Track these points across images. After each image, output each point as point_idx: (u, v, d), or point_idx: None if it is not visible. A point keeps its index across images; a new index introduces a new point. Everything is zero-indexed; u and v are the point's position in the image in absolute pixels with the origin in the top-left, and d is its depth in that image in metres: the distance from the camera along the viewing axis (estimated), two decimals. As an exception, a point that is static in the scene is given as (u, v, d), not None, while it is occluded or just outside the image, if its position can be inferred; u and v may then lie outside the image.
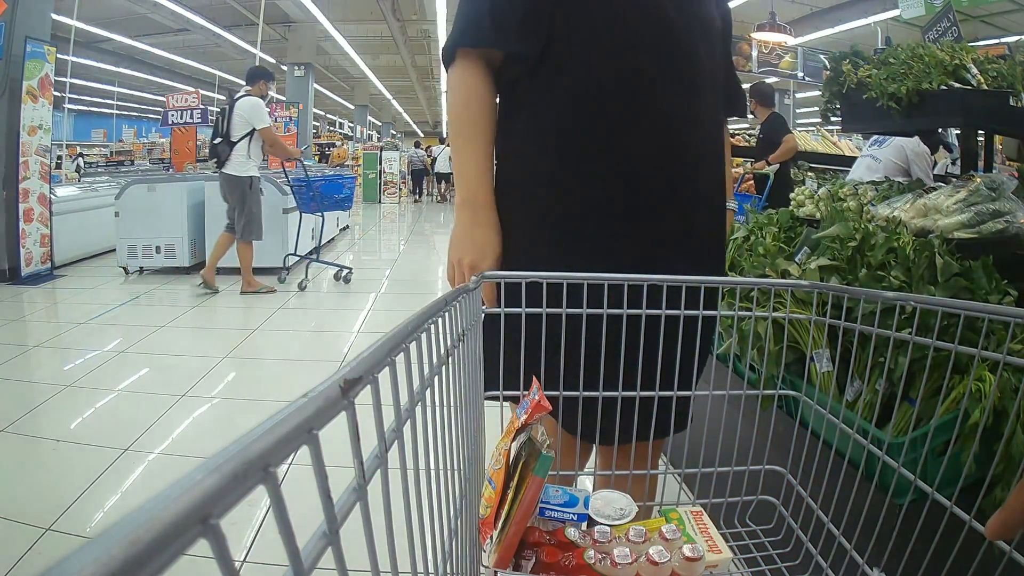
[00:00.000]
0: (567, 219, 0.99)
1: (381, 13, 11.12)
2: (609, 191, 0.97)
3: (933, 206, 1.56)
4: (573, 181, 0.98)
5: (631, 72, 0.96)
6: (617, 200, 0.98)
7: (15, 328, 3.96)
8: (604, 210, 0.98)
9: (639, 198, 0.98)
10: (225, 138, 4.51)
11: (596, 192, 0.98)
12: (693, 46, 1.00)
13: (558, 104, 0.98)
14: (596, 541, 0.61)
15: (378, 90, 18.83)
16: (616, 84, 0.96)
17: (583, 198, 0.98)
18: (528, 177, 1.02)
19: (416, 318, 0.43)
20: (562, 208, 0.99)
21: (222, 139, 4.51)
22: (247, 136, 4.53)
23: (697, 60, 1.00)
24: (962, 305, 0.68)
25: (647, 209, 0.98)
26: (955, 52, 1.86)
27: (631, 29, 0.97)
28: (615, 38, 0.97)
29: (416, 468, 0.40)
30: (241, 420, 2.52)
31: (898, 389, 1.01)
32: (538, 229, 1.01)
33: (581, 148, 0.97)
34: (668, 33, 0.97)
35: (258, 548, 1.68)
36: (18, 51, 4.93)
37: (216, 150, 4.56)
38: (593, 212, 0.98)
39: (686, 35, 0.99)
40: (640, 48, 0.97)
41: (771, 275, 1.58)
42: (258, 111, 4.56)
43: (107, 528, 0.14)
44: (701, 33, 1.02)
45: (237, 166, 4.56)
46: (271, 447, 0.20)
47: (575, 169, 0.98)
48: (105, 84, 15.54)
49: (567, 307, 0.80)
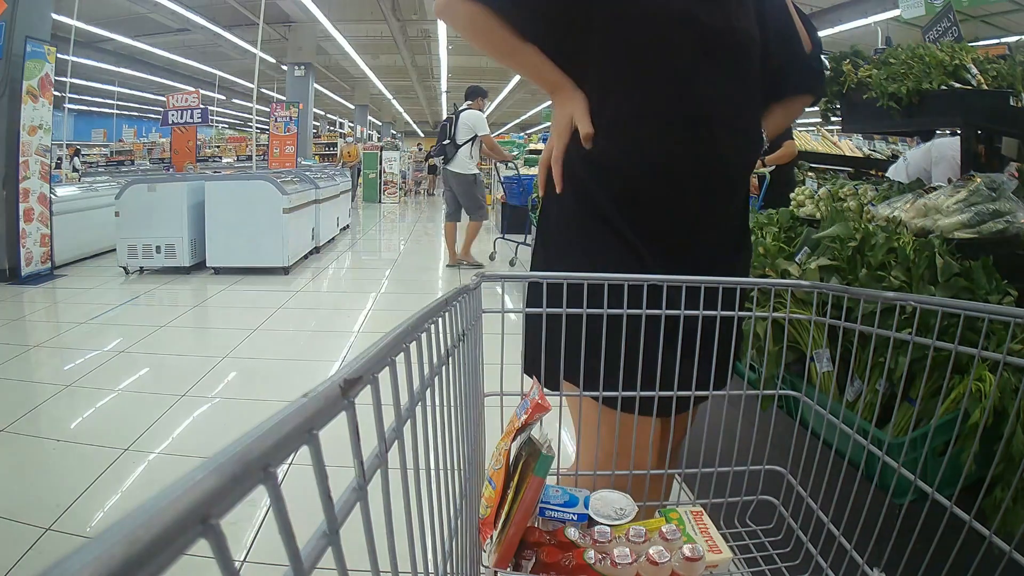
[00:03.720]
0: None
1: (381, 13, 11.12)
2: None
3: (933, 206, 1.56)
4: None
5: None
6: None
7: (15, 328, 3.96)
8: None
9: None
10: (452, 141, 5.57)
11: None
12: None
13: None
14: (596, 541, 0.61)
15: (378, 90, 18.84)
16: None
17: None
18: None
19: (416, 318, 0.43)
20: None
21: (449, 141, 5.57)
22: (470, 141, 5.57)
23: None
24: (962, 305, 0.68)
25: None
26: (955, 52, 1.86)
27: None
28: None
29: (416, 468, 0.40)
30: (241, 420, 2.52)
31: (898, 389, 1.01)
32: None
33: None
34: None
35: (258, 548, 1.68)
36: (18, 51, 4.93)
37: (444, 150, 5.62)
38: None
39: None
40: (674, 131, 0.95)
41: (771, 275, 1.57)
42: (480, 122, 5.63)
43: (107, 528, 0.14)
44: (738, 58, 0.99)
45: (462, 165, 5.62)
46: (271, 447, 0.20)
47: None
48: (105, 84, 15.53)
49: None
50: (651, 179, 0.95)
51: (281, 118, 9.11)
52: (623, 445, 0.89)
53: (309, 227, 6.36)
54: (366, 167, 13.22)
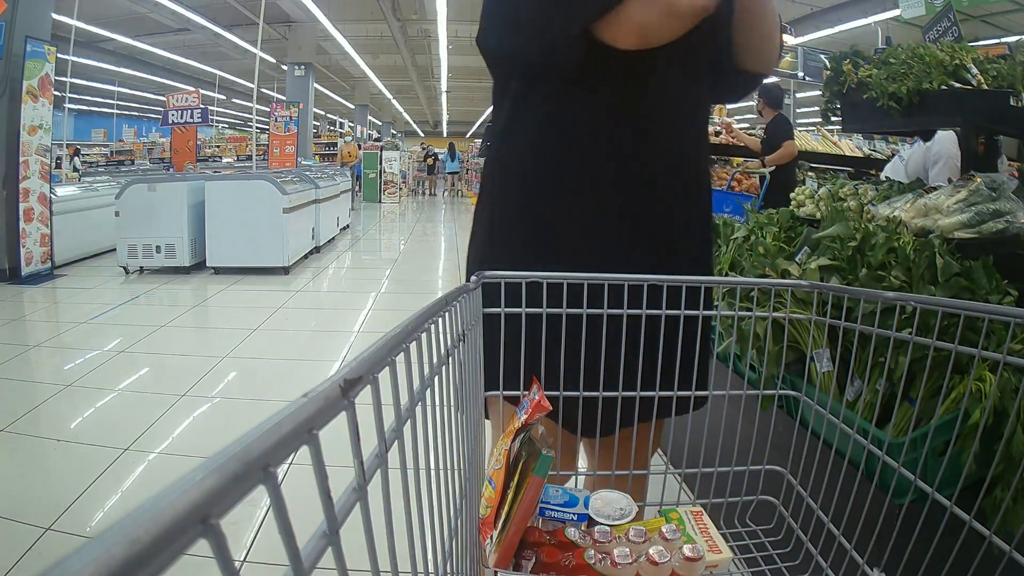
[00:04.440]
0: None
1: (381, 13, 11.12)
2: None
3: (933, 206, 1.56)
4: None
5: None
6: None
7: (15, 328, 3.96)
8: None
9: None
10: None
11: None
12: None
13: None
14: (596, 541, 0.61)
15: (378, 90, 18.83)
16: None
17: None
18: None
19: (416, 318, 0.43)
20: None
21: None
22: None
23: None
24: (962, 305, 0.68)
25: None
26: (955, 52, 1.86)
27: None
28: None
29: (416, 468, 0.40)
30: (241, 420, 2.52)
31: (898, 389, 1.01)
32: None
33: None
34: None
35: (258, 548, 1.68)
36: (18, 51, 4.93)
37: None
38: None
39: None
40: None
41: (771, 275, 1.57)
42: None
43: (107, 528, 0.14)
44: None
45: None
46: (271, 447, 0.20)
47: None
48: (105, 84, 15.54)
49: (567, 307, 0.80)
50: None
51: (281, 118, 9.11)
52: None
53: (309, 227, 6.36)
54: (366, 167, 13.22)
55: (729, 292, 1.37)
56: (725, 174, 4.93)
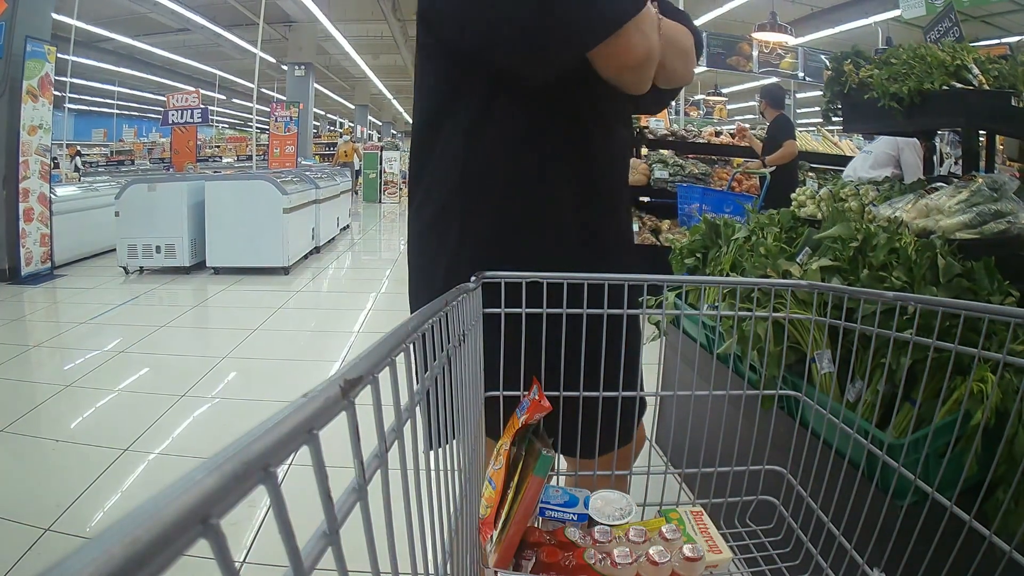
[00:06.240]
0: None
1: (381, 13, 11.13)
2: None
3: (935, 206, 1.56)
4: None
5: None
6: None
7: (15, 328, 3.96)
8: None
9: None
10: None
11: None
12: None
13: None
14: (596, 541, 0.61)
15: (378, 90, 18.83)
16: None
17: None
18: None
19: (416, 318, 0.43)
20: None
21: None
22: None
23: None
24: (963, 305, 0.68)
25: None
26: (956, 52, 1.86)
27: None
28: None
29: (416, 468, 0.40)
30: (241, 420, 2.52)
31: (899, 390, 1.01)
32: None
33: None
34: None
35: (258, 548, 1.68)
36: (18, 50, 4.94)
37: None
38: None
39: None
40: None
41: (772, 275, 1.57)
42: None
43: (107, 528, 0.14)
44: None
45: None
46: (271, 447, 0.20)
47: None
48: (105, 84, 15.54)
49: (567, 308, 0.80)
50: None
51: (281, 118, 9.10)
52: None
53: (309, 227, 6.36)
54: (366, 167, 13.21)
55: (730, 292, 1.37)
56: (725, 174, 4.93)
